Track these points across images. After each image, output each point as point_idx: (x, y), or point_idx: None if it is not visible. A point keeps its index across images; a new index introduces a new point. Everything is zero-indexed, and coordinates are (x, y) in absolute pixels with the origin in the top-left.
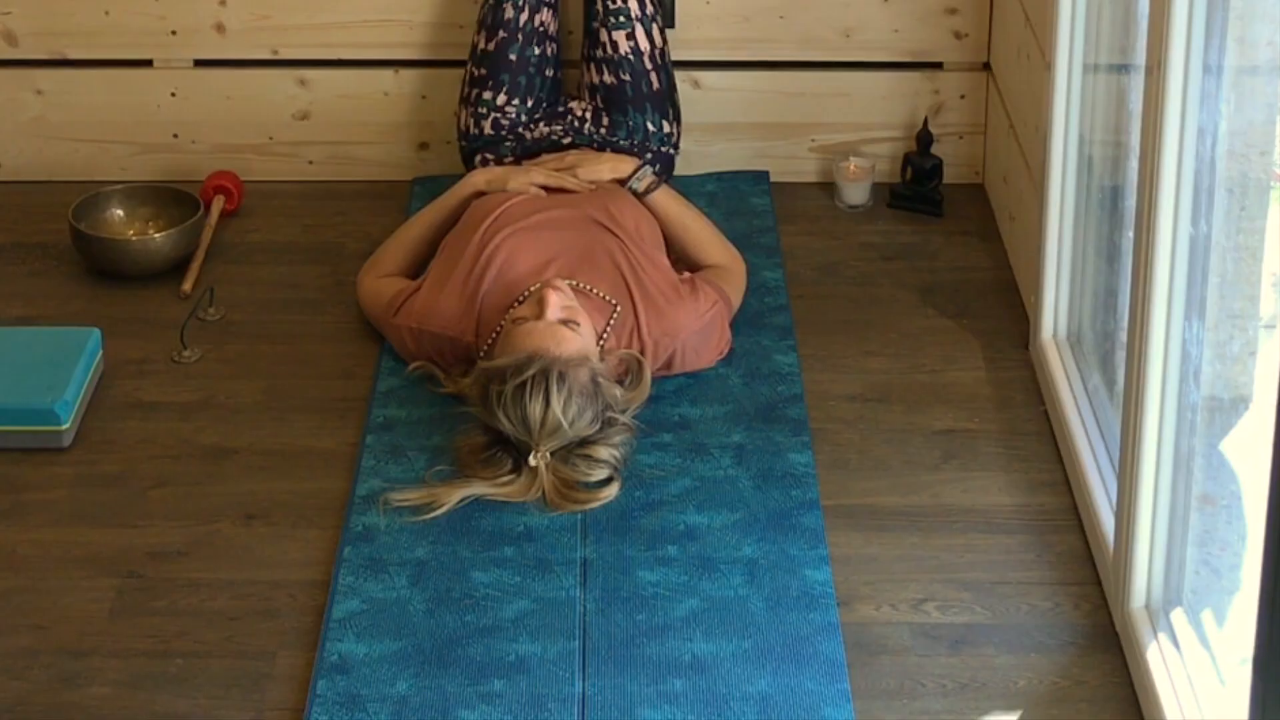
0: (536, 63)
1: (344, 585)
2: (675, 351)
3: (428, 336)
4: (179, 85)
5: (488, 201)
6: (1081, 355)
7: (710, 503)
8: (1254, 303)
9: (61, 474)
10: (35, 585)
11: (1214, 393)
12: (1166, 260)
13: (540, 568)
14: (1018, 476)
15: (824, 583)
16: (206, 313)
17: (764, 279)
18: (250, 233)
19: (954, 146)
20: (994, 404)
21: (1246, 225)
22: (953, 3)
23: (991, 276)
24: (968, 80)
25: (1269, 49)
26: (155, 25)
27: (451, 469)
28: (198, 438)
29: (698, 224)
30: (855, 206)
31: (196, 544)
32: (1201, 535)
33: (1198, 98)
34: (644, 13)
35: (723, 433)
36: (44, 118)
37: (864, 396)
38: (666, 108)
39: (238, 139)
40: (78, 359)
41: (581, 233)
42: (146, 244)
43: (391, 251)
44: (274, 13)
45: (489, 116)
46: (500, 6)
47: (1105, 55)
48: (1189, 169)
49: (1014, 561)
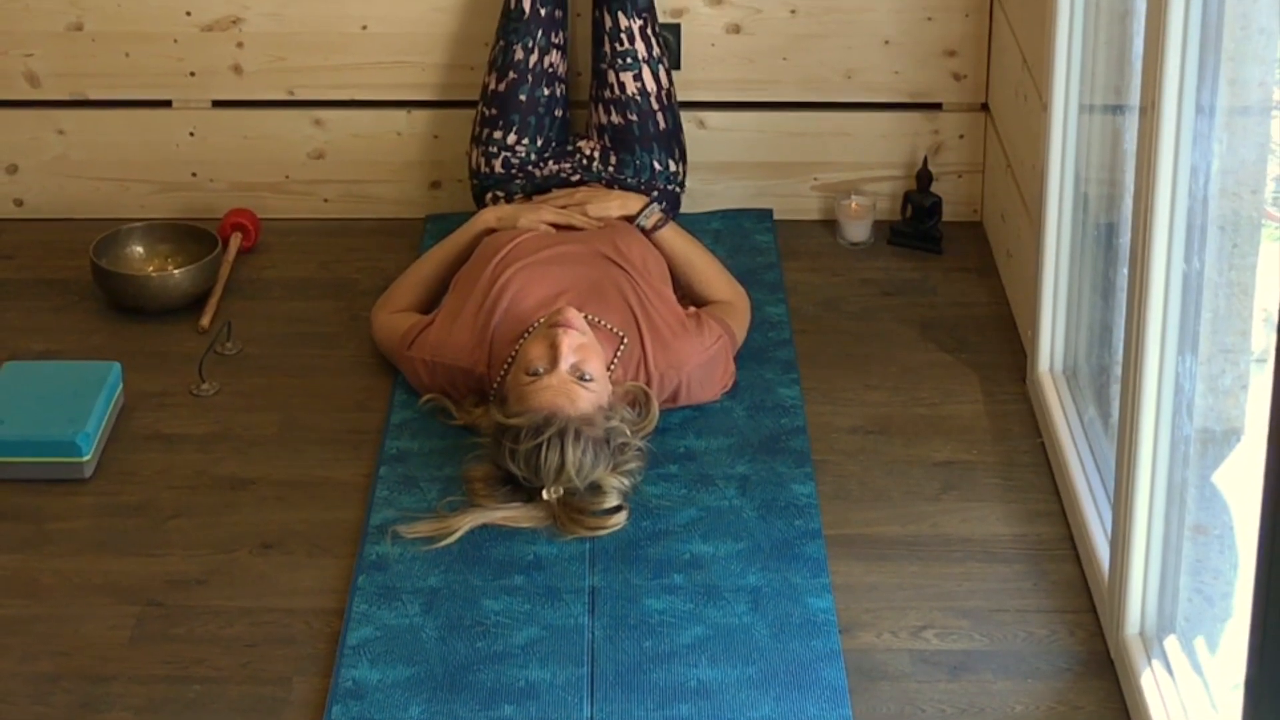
0: (546, 103)
1: (358, 613)
2: (680, 384)
3: (441, 368)
4: (197, 125)
5: (499, 238)
6: (1077, 388)
7: (715, 532)
8: (1245, 338)
9: (83, 504)
10: (57, 613)
11: (1206, 425)
12: (1160, 296)
13: (549, 596)
14: (1015, 507)
15: (826, 610)
16: (224, 347)
17: (767, 314)
18: (267, 269)
19: (953, 185)
20: (992, 436)
21: (1238, 262)
22: (952, 45)
23: (989, 312)
24: (966, 120)
25: (1260, 90)
26: (174, 67)
27: (463, 499)
28: (216, 469)
29: (703, 260)
30: (857, 243)
31: (215, 573)
32: (1194, 564)
33: (1191, 138)
34: (651, 55)
35: (727, 464)
36: (66, 157)
37: (865, 429)
38: (673, 147)
39: (255, 177)
40: (99, 392)
41: (590, 267)
42: (166, 280)
43: (405, 287)
44: (290, 55)
45: (500, 155)
46: (510, 48)
47: (1100, 96)
48: (1182, 207)
49: (1011, 590)
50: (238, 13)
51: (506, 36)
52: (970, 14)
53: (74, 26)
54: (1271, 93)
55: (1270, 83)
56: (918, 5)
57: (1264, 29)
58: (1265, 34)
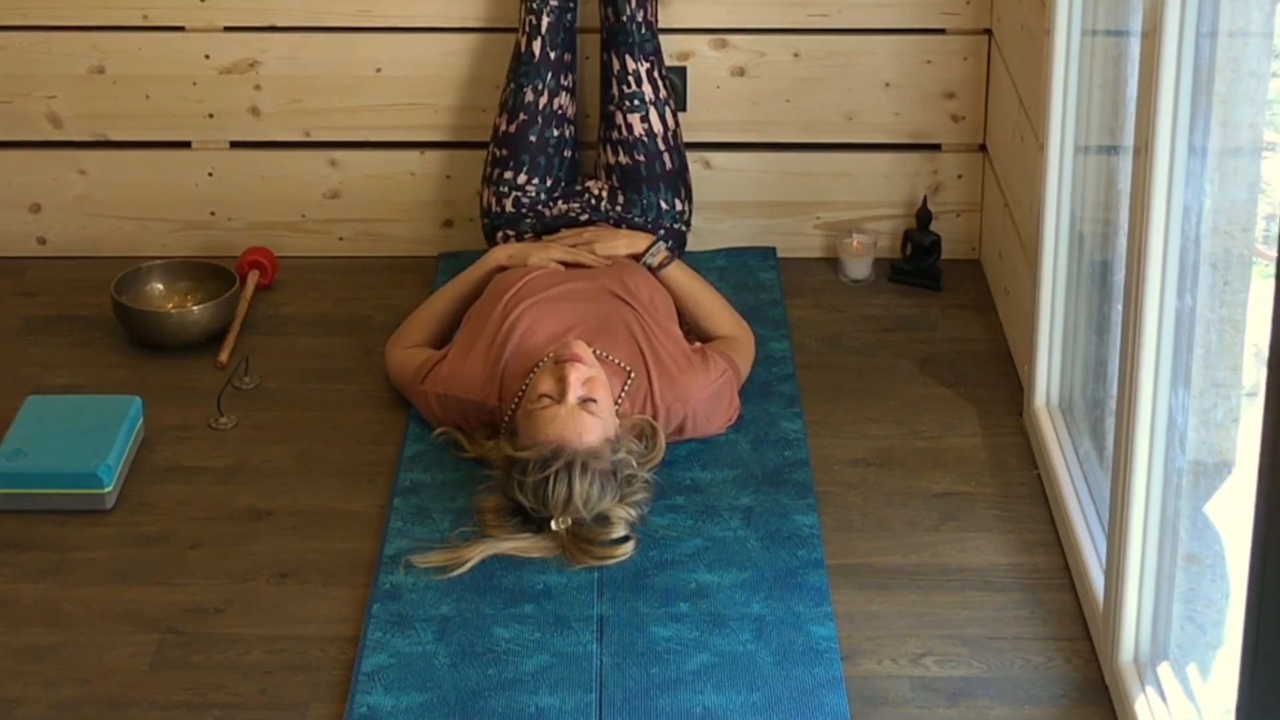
0: (555, 144)
1: (373, 640)
2: (686, 417)
3: (453, 402)
4: (216, 165)
5: (509, 275)
6: (1073, 422)
7: (720, 562)
8: (1237, 372)
9: (105, 534)
10: (79, 640)
11: (1199, 458)
12: (1154, 332)
13: (559, 624)
14: (1012, 537)
15: (828, 638)
16: (242, 382)
17: (771, 350)
18: (283, 306)
19: (952, 224)
20: (989, 468)
21: (1230, 299)
22: (950, 87)
23: (987, 347)
24: (965, 161)
25: (1250, 131)
26: (193, 109)
27: (474, 530)
28: (234, 500)
29: (708, 297)
30: (858, 281)
31: (233, 601)
32: (1187, 593)
33: (1183, 178)
34: (658, 97)
35: (732, 495)
36: (88, 196)
37: (866, 461)
38: (679, 187)
39: (272, 216)
40: (120, 425)
41: (599, 303)
42: (185, 316)
43: (418, 323)
44: (306, 97)
45: (510, 195)
46: (520, 91)
47: (1095, 137)
48: (1175, 245)
49: (1009, 618)
50: (255, 56)
51: (517, 79)
52: (968, 57)
53: (96, 69)
54: (1262, 134)
55: (1260, 124)
56: (917, 49)
57: (1254, 72)
58: (1256, 77)
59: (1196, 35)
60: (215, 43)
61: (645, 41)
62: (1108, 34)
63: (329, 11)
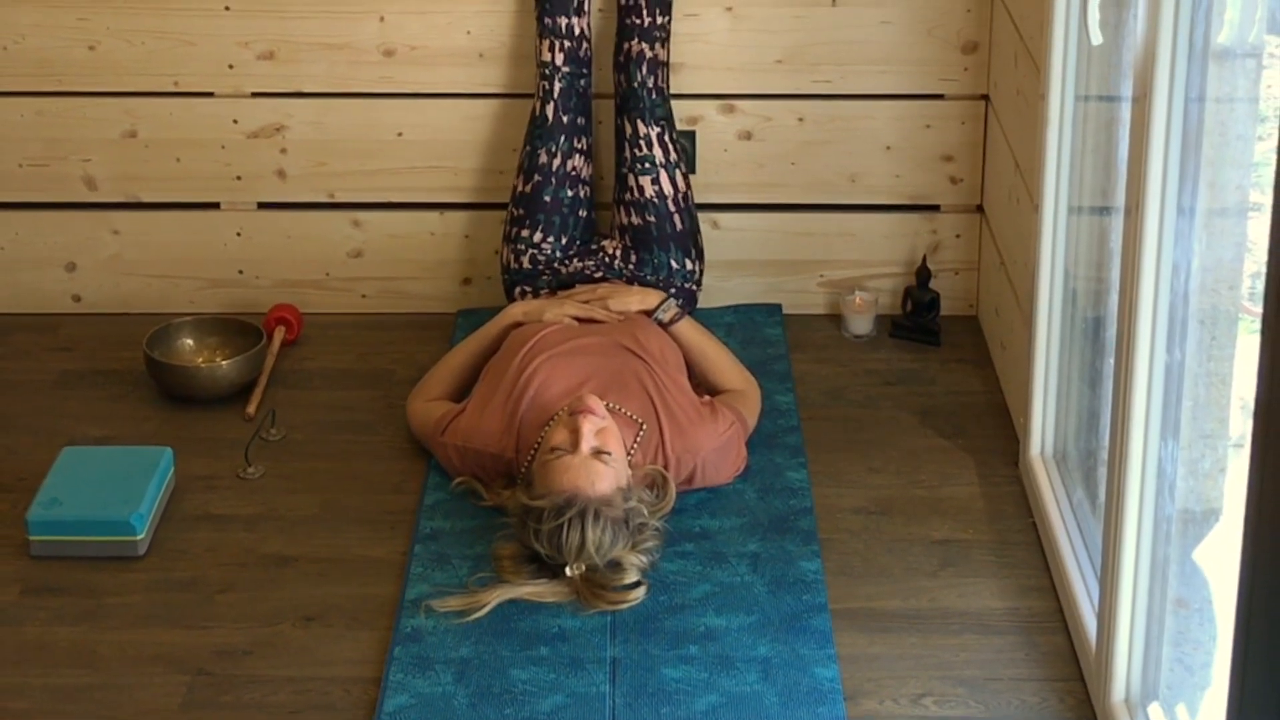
0: (570, 204)
1: (394, 682)
2: (696, 467)
3: (472, 453)
4: (244, 226)
5: (526, 330)
6: (1066, 471)
7: (728, 606)
8: (1224, 424)
9: (137, 580)
10: (113, 681)
11: (1187, 506)
12: (1144, 385)
13: (573, 666)
14: (1008, 582)
15: (832, 679)
16: (269, 433)
17: (777, 402)
18: (308, 360)
19: (950, 281)
20: (986, 516)
21: (1217, 353)
22: (949, 151)
23: (984, 400)
24: (962, 221)
25: (1237, 192)
26: (222, 171)
27: (492, 576)
28: (261, 547)
29: (717, 352)
30: (860, 336)
31: (260, 644)
32: (1176, 635)
33: (1172, 237)
34: (669, 160)
35: (739, 542)
36: (121, 255)
37: (868, 509)
38: (689, 246)
39: (297, 275)
40: (152, 475)
41: (612, 358)
42: (214, 371)
43: (438, 377)
44: (330, 160)
45: (527, 253)
46: (536, 153)
47: (1088, 199)
48: (1164, 302)
49: (1005, 659)
50: (281, 121)
51: (533, 142)
52: (966, 122)
53: (129, 134)
54: (1248, 195)
55: (1246, 186)
56: (917, 114)
57: (1241, 135)
58: (1242, 140)
59: (1185, 101)
60: (243, 108)
61: (657, 107)
62: (1100, 99)
63: (352, 78)
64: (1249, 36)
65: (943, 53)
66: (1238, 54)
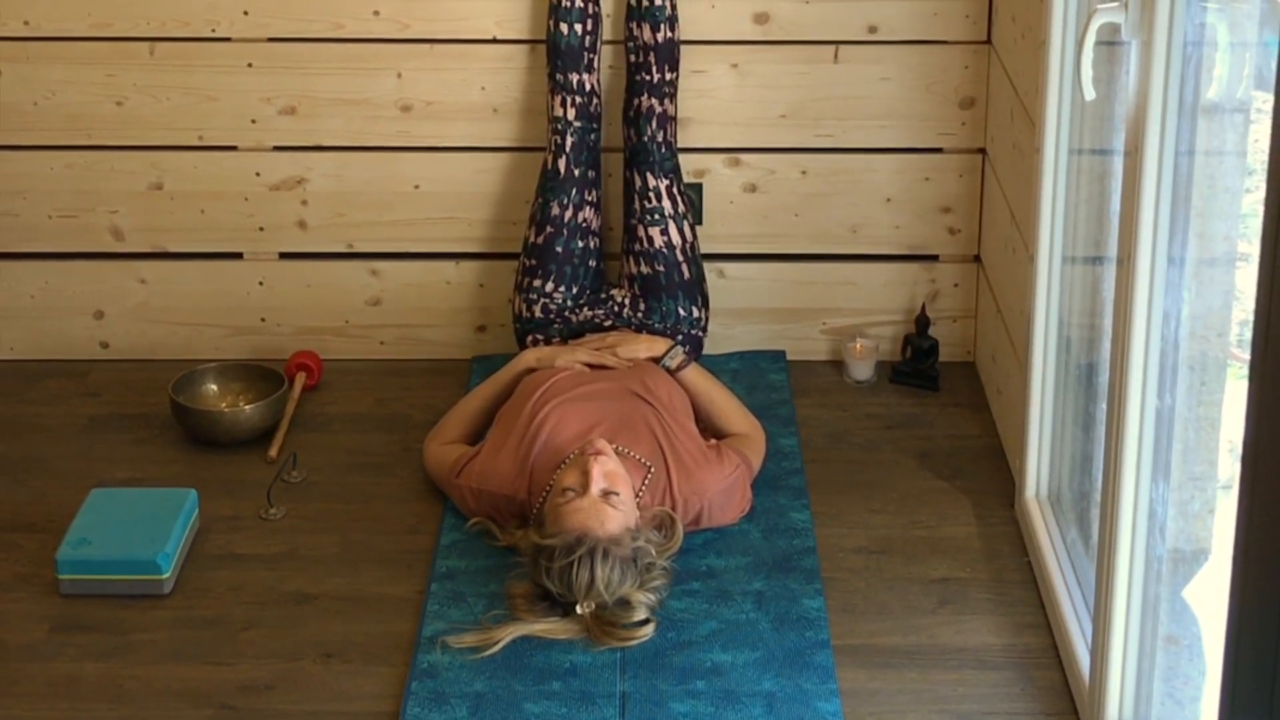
0: (581, 254)
1: (411, 716)
2: (702, 508)
3: (486, 495)
4: (266, 275)
5: (538, 376)
6: (1061, 512)
7: (734, 643)
8: (1213, 467)
9: (163, 617)
10: (139, 715)
11: (1177, 546)
12: (1135, 429)
13: (584, 700)
14: (1004, 619)
15: (834, 714)
16: (290, 475)
17: (781, 446)
18: (329, 405)
19: (948, 329)
20: (983, 556)
21: (1206, 399)
22: (947, 202)
23: (981, 443)
24: (960, 271)
25: (1225, 243)
26: (245, 222)
27: (506, 613)
28: (283, 585)
29: (723, 397)
30: (861, 382)
31: (281, 679)
32: (1166, 671)
33: (1163, 286)
34: (676, 211)
35: (745, 581)
36: (147, 304)
37: (869, 549)
38: (696, 295)
39: (317, 322)
40: (177, 516)
41: (621, 403)
42: (237, 415)
43: (453, 422)
44: (349, 211)
45: (539, 301)
46: (548, 205)
47: (1081, 249)
48: (1155, 349)
49: (1001, 694)
50: (302, 174)
51: (544, 194)
52: (964, 174)
53: (155, 186)
54: (1236, 246)
55: (1235, 237)
56: (916, 167)
57: (1229, 188)
58: (1230, 192)
59: (1175, 154)
60: (265, 161)
61: (665, 160)
62: (1093, 153)
63: (371, 132)
64: (1237, 92)
65: (941, 108)
66: (1226, 109)
